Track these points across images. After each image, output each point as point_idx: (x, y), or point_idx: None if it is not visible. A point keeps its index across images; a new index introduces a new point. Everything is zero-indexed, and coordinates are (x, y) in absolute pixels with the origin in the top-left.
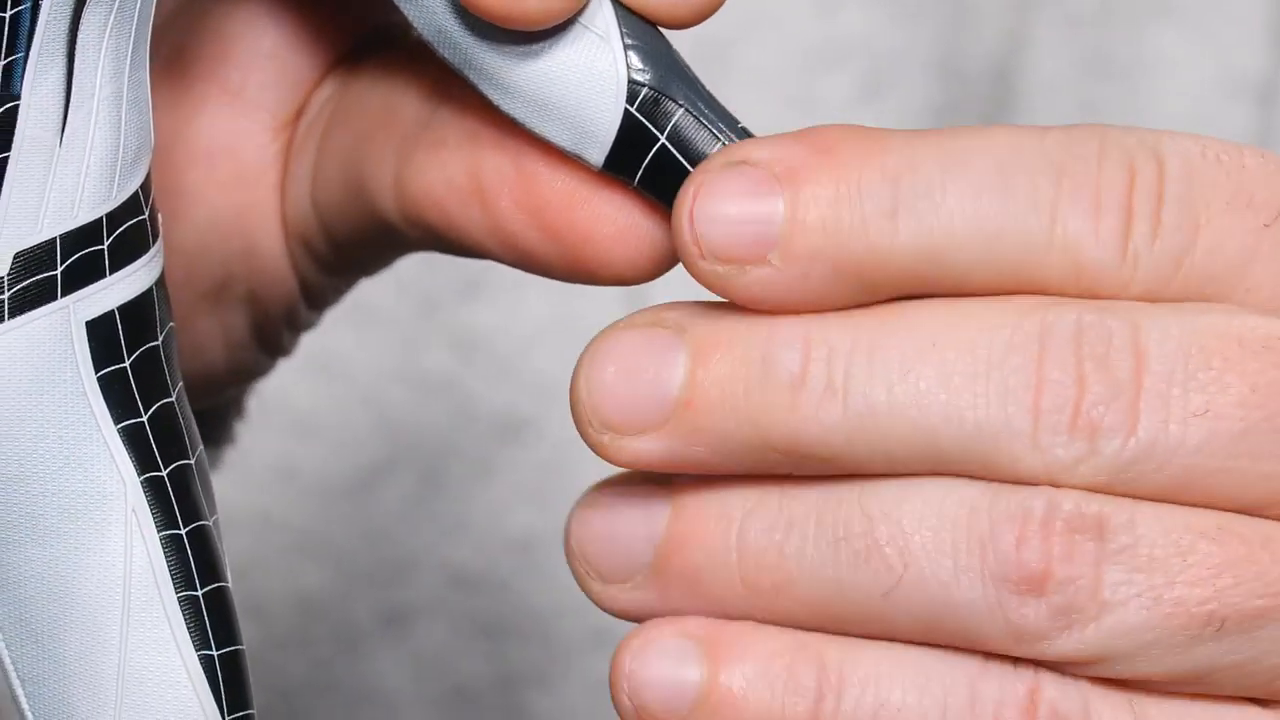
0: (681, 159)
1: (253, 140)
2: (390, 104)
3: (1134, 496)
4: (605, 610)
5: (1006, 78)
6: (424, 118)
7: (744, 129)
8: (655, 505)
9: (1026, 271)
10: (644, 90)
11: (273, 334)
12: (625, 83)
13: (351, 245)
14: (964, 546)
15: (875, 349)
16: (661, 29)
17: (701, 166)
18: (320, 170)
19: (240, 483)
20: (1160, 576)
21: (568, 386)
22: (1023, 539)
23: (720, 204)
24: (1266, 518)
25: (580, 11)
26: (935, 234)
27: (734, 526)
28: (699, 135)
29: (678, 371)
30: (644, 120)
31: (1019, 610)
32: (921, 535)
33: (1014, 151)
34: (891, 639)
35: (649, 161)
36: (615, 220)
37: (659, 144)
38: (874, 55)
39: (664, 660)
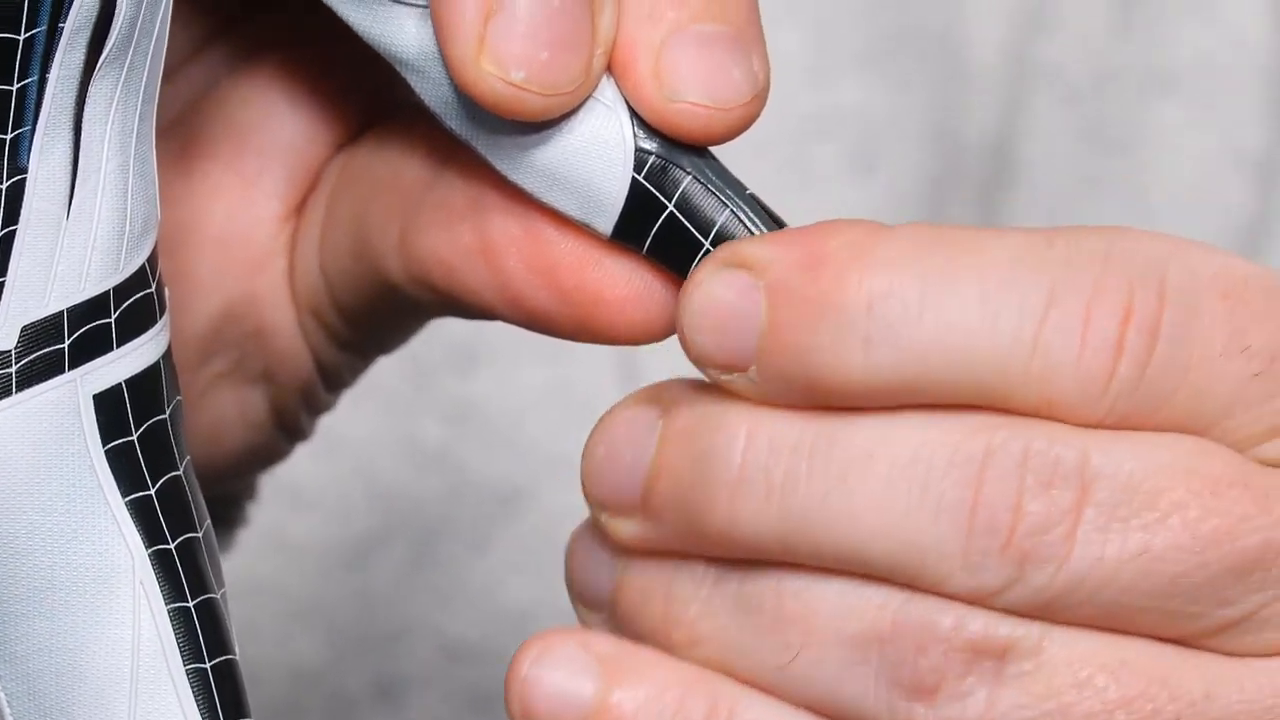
0: (690, 227)
1: (265, 227)
2: (394, 169)
3: (1053, 621)
4: None
5: (1004, 150)
6: (428, 181)
7: (752, 195)
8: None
9: (998, 394)
10: (651, 159)
11: (291, 415)
12: (633, 152)
13: (362, 314)
14: (863, 641)
15: (816, 454)
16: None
17: (702, 265)
18: (327, 239)
19: (234, 551)
20: (1052, 704)
21: (561, 457)
22: (921, 649)
23: (708, 311)
24: (1190, 648)
25: None
26: (910, 363)
27: (665, 585)
28: (707, 203)
29: (648, 455)
30: (652, 189)
31: (906, 714)
32: (825, 620)
33: (1009, 267)
34: (785, 702)
35: (657, 230)
36: (628, 281)
37: (667, 212)
38: (869, 125)
39: (560, 671)
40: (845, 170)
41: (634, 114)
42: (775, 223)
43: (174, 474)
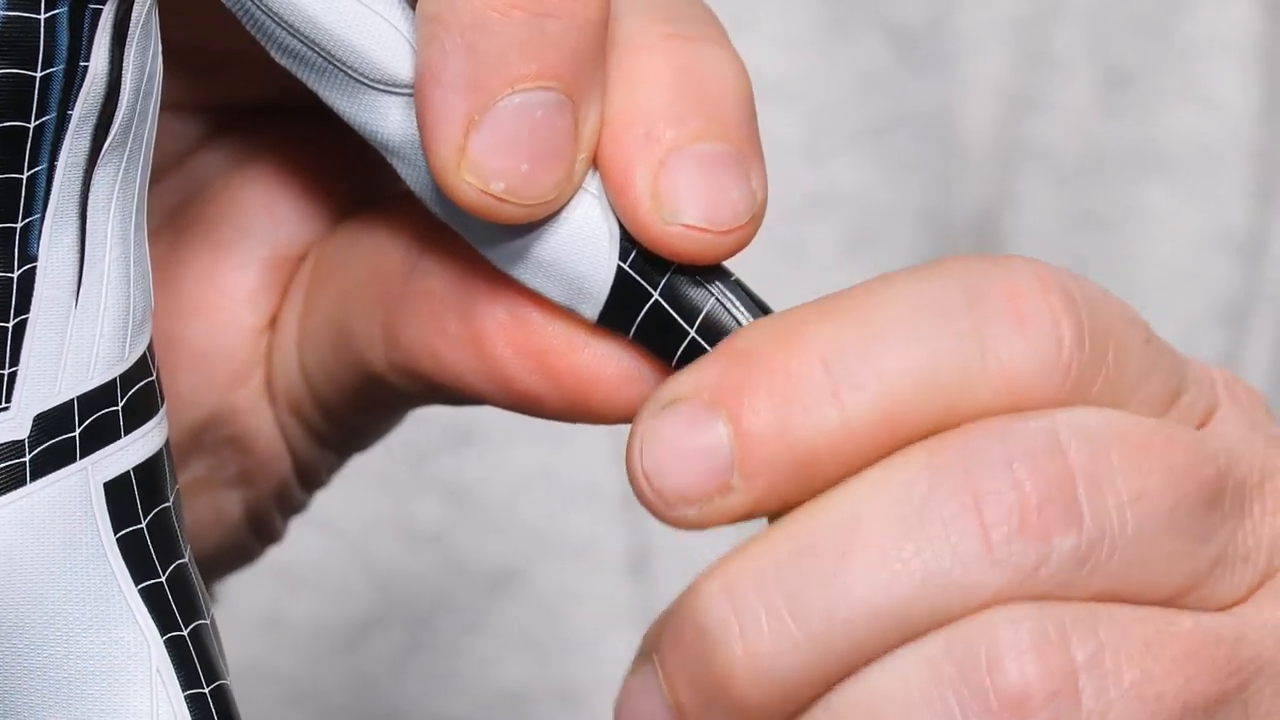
0: (675, 315)
1: (244, 341)
2: (372, 258)
3: (1085, 597)
4: None
5: (993, 230)
6: (409, 268)
7: (737, 281)
8: None
9: (966, 405)
10: (636, 248)
11: (265, 516)
12: (618, 240)
13: (344, 409)
14: (938, 699)
15: (802, 555)
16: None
17: (636, 418)
18: (306, 337)
19: (229, 633)
20: (1137, 672)
21: (555, 538)
22: (993, 667)
23: (665, 451)
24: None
25: None
26: (881, 396)
27: None
28: (693, 290)
29: (662, 696)
30: (637, 277)
31: None
32: (895, 708)
33: (917, 289)
34: None
35: (643, 317)
36: (617, 362)
37: (653, 300)
38: (863, 206)
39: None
40: (838, 251)
41: None
42: (761, 309)
43: (181, 561)
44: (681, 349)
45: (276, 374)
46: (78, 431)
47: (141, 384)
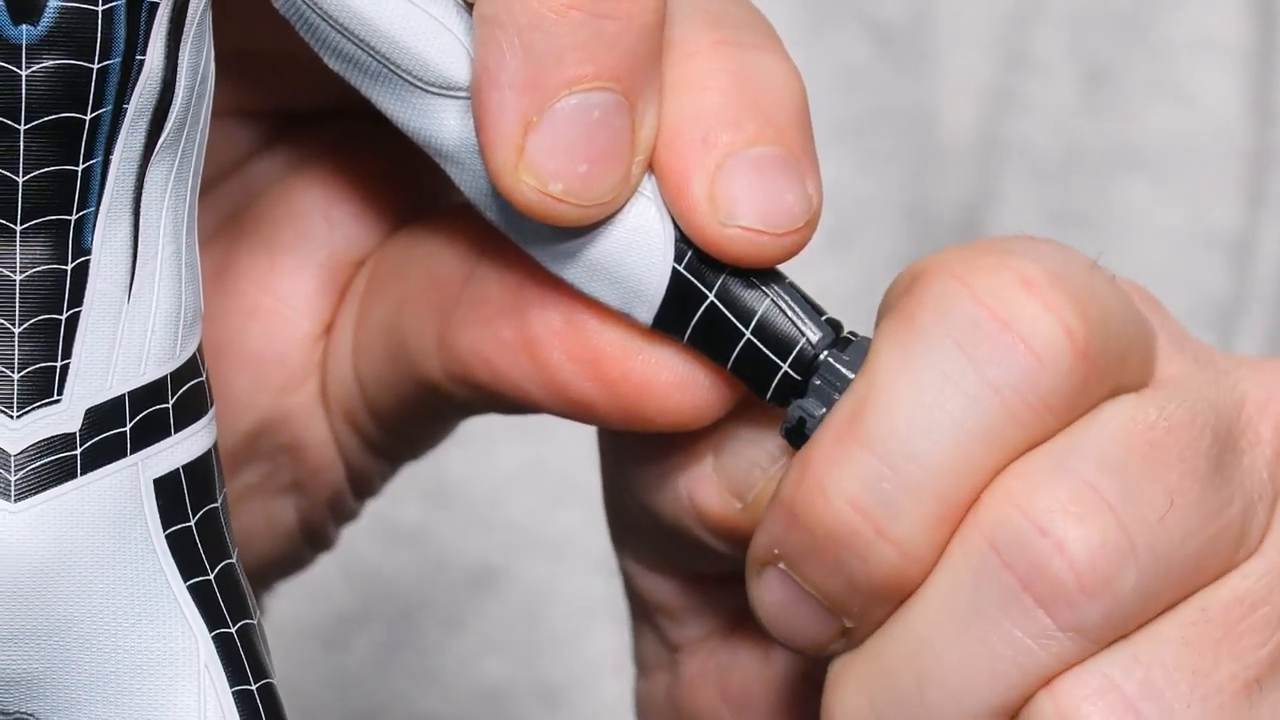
0: (731, 316)
1: (299, 347)
2: (427, 267)
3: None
4: None
5: (975, 228)
6: (463, 277)
7: (791, 284)
8: None
9: (1005, 449)
10: (691, 250)
11: (318, 524)
12: (673, 242)
13: (397, 417)
14: None
15: (888, 673)
16: None
17: (749, 580)
18: (361, 346)
19: None
20: (1188, 676)
21: (538, 536)
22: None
23: (778, 615)
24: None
25: None
26: (924, 505)
27: None
28: (748, 293)
29: None
30: (692, 279)
31: None
32: None
33: (912, 379)
34: None
35: (698, 319)
36: (672, 368)
37: (708, 302)
38: (844, 203)
39: None
40: (821, 247)
41: None
42: (815, 310)
43: (229, 561)
44: (737, 351)
45: (331, 381)
46: (129, 426)
47: (192, 383)
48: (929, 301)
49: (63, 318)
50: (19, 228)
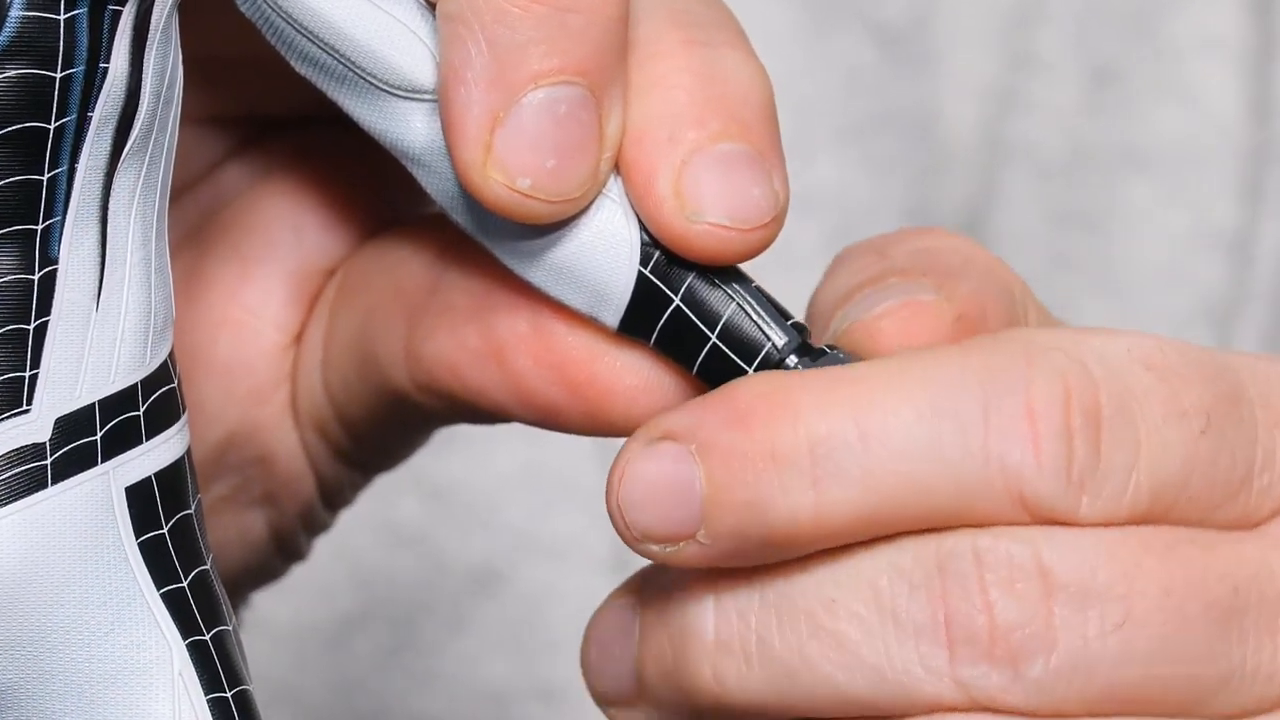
0: (697, 320)
1: (269, 357)
2: (394, 277)
3: (1060, 716)
4: None
5: (976, 229)
6: (430, 285)
7: (758, 288)
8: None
9: (962, 512)
10: (657, 253)
11: (290, 536)
12: (639, 246)
13: (368, 428)
14: None
15: (782, 610)
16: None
17: (625, 445)
18: (330, 357)
19: None
20: None
21: (538, 537)
22: None
23: (642, 488)
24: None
25: None
26: (861, 499)
27: None
28: (714, 296)
29: (633, 646)
30: (658, 282)
31: None
32: None
33: (936, 387)
34: None
35: (664, 323)
36: (637, 371)
37: (674, 305)
38: (846, 204)
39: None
40: (821, 249)
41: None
42: (781, 315)
43: (203, 568)
44: (703, 355)
45: (301, 393)
46: (99, 435)
47: (163, 390)
48: (1007, 348)
49: (30, 327)
50: None
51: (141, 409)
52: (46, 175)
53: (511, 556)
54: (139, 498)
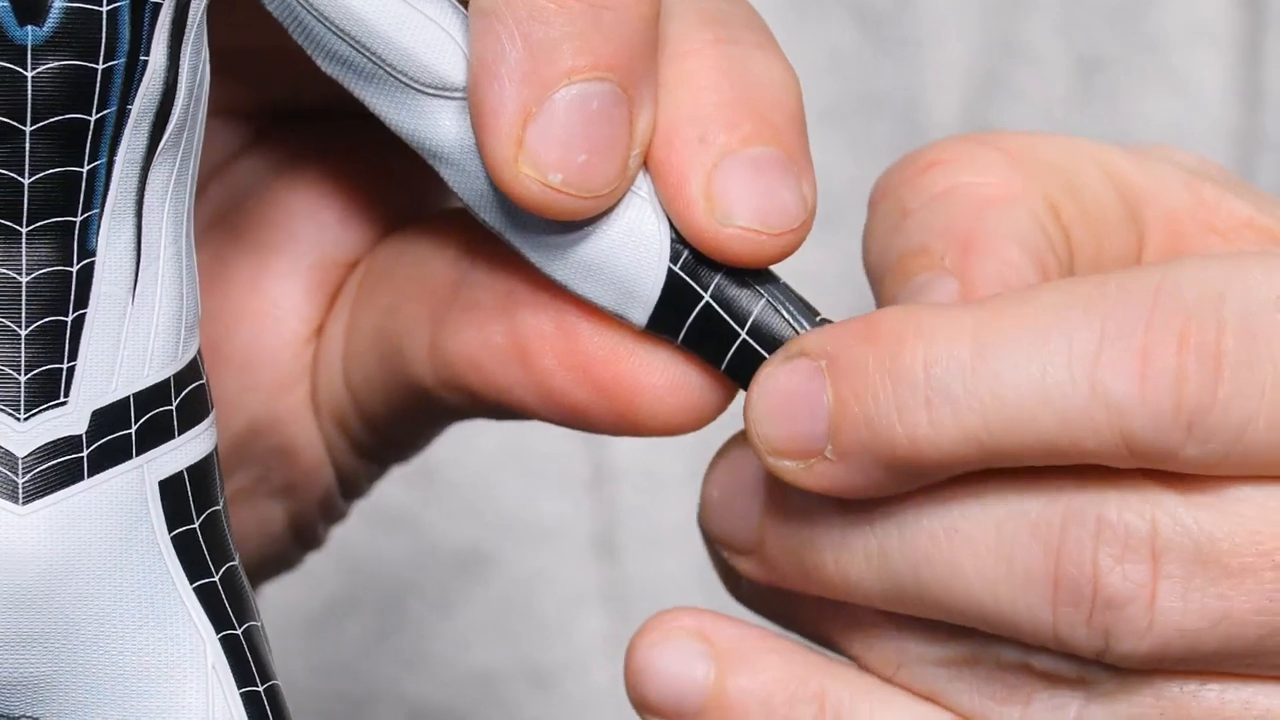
0: (726, 317)
1: (289, 349)
2: (418, 273)
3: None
4: None
5: None
6: (455, 282)
7: (785, 284)
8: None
9: (1072, 446)
10: (686, 250)
11: (308, 526)
12: (669, 243)
13: (388, 422)
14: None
15: (905, 527)
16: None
17: (767, 361)
18: (352, 350)
19: None
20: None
21: (524, 519)
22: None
23: (774, 402)
24: None
25: None
26: (969, 421)
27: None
28: (742, 293)
29: (757, 508)
30: (688, 279)
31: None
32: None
33: (1057, 318)
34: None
35: (693, 320)
36: (664, 371)
37: (703, 303)
38: (830, 186)
39: (676, 658)
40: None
41: None
42: (809, 310)
43: (233, 563)
44: (732, 352)
45: (321, 385)
46: (134, 429)
47: (194, 385)
48: (1140, 283)
49: (69, 319)
50: (25, 229)
51: (174, 403)
52: (86, 167)
53: (499, 540)
54: (171, 492)
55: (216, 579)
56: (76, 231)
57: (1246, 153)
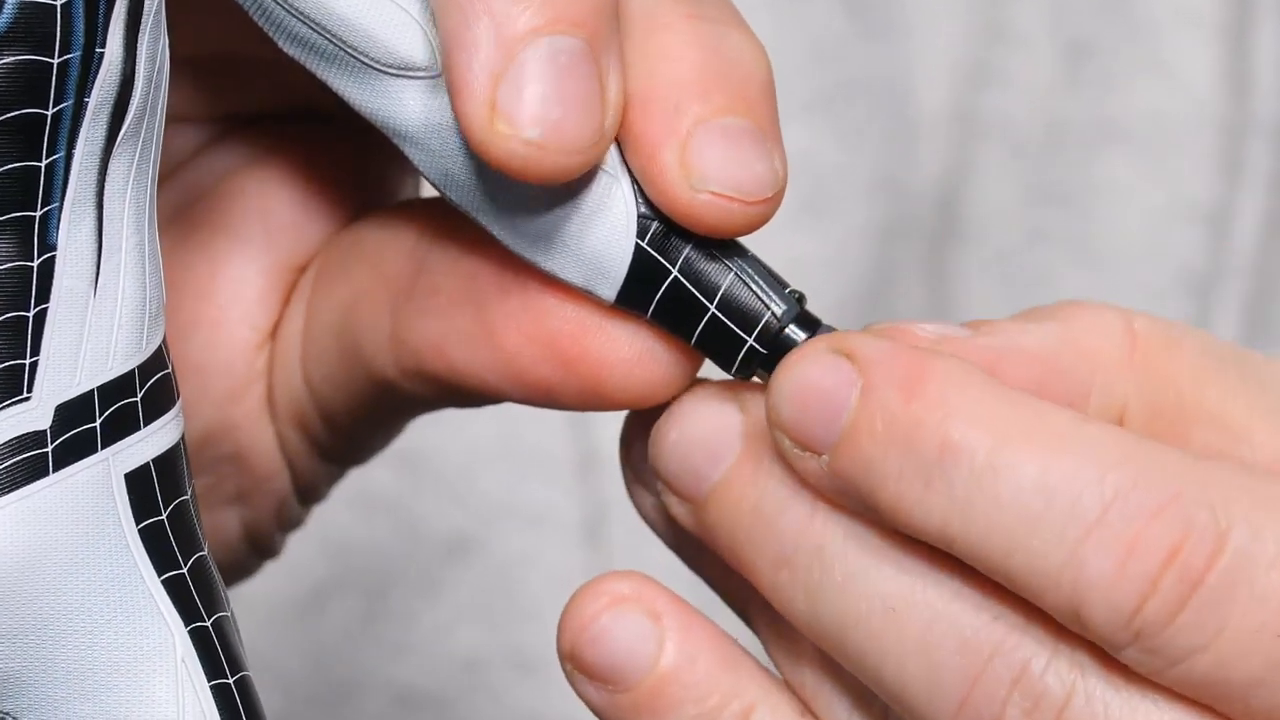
0: (695, 290)
1: (242, 356)
2: (374, 263)
3: None
4: None
5: (952, 200)
6: (413, 271)
7: (754, 257)
8: None
9: (1030, 585)
10: (654, 224)
11: (263, 534)
12: (636, 218)
13: (350, 419)
14: None
15: (851, 578)
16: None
17: (809, 343)
18: (310, 349)
19: None
20: None
21: (511, 506)
22: None
23: (800, 386)
24: None
25: None
26: (953, 518)
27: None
28: (711, 266)
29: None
30: (656, 254)
31: None
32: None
33: (1080, 465)
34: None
35: (662, 294)
36: (630, 344)
37: (671, 277)
38: (817, 171)
39: (625, 631)
40: (795, 217)
41: (636, 181)
42: (779, 283)
43: (201, 554)
44: (702, 326)
45: (279, 387)
46: (99, 422)
47: (159, 376)
48: (1169, 470)
49: (30, 314)
50: None
51: (139, 395)
52: (45, 161)
53: (485, 525)
54: (138, 484)
55: (185, 570)
56: (36, 226)
57: (1234, 139)
